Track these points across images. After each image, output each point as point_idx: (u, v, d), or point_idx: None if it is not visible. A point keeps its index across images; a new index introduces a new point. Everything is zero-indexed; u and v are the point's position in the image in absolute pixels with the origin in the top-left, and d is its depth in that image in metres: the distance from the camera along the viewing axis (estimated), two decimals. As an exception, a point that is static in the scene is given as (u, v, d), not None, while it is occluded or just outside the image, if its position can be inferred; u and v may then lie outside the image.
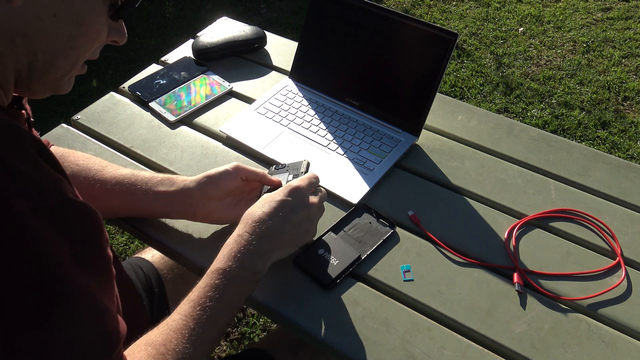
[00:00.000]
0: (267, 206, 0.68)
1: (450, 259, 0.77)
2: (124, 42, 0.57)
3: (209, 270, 0.65)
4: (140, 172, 0.77)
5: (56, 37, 0.48)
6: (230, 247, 0.66)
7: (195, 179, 0.75)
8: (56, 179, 0.46)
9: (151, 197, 0.75)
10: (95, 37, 0.52)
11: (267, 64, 1.15)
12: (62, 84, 0.54)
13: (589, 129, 2.18)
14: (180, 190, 0.74)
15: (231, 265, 0.64)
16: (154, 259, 0.98)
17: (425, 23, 0.90)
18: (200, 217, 0.77)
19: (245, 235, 0.66)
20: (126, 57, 2.57)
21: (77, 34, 0.49)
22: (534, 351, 0.67)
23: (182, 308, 0.62)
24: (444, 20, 2.87)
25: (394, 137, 0.95)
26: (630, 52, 2.58)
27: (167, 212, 0.78)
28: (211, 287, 0.63)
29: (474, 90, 2.39)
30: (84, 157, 0.80)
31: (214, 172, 0.75)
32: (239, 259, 0.64)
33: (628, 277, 0.75)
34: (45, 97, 0.54)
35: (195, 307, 0.61)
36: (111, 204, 0.77)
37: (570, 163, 0.93)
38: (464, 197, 0.87)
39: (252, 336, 1.53)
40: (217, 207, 0.76)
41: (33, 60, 0.48)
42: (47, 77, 0.51)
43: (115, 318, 0.48)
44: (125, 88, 1.07)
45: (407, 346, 0.67)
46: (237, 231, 0.67)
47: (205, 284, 0.63)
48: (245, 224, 0.68)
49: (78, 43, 0.50)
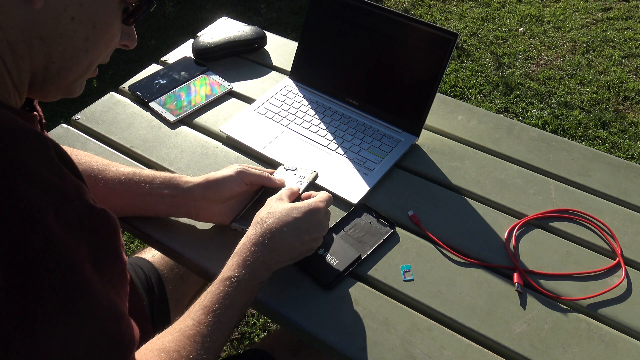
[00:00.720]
0: (283, 220, 0.68)
1: (450, 259, 0.77)
2: (134, 46, 0.58)
3: (221, 277, 0.65)
4: (142, 171, 0.78)
5: (73, 41, 0.49)
6: (244, 255, 0.66)
7: (199, 182, 0.75)
8: (77, 185, 0.46)
9: (155, 199, 0.76)
10: (110, 41, 0.53)
11: (267, 64, 1.15)
12: (75, 87, 0.55)
13: (589, 129, 2.18)
14: (184, 195, 0.75)
15: (244, 274, 0.65)
16: (154, 258, 0.98)
17: (425, 23, 0.90)
18: (203, 219, 0.78)
19: (259, 245, 0.67)
20: (126, 57, 2.57)
21: (93, 38, 0.50)
22: (534, 351, 0.67)
23: (195, 314, 0.62)
24: (444, 20, 2.87)
25: (394, 137, 0.95)
26: (630, 52, 2.58)
27: (170, 213, 0.79)
28: (224, 294, 0.63)
29: (474, 90, 2.39)
30: (85, 155, 0.80)
31: (218, 176, 0.75)
32: (251, 268, 0.65)
33: (628, 277, 0.75)
34: (56, 99, 0.55)
35: (208, 313, 0.62)
36: (114, 203, 0.77)
37: (570, 163, 0.93)
38: (464, 197, 0.87)
39: (252, 336, 1.53)
40: (220, 209, 0.76)
41: (49, 63, 0.49)
42: (62, 80, 0.52)
43: (129, 323, 0.48)
44: (125, 88, 1.07)
45: (407, 346, 0.67)
46: (250, 239, 0.68)
47: (219, 290, 0.64)
48: (259, 233, 0.68)
49: (93, 47, 0.51)
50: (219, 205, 0.76)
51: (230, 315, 0.63)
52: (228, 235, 0.79)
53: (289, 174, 0.81)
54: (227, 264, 0.67)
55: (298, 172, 0.81)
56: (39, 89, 0.52)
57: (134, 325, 0.50)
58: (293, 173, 0.81)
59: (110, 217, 0.47)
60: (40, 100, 0.55)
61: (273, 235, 0.67)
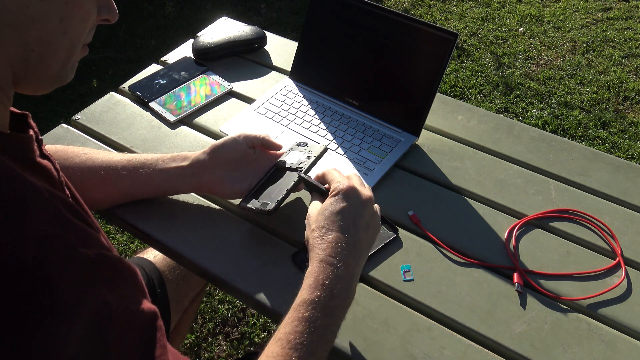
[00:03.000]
0: (331, 220, 0.62)
1: (450, 259, 0.77)
2: (115, 19, 0.54)
3: (295, 304, 0.58)
4: (148, 154, 0.80)
5: (47, 24, 0.46)
6: (315, 275, 0.59)
7: (203, 150, 0.78)
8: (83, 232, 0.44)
9: (163, 175, 0.77)
10: (86, 17, 0.49)
11: (267, 64, 1.15)
12: (65, 72, 0.52)
13: (589, 129, 2.18)
14: (191, 164, 0.77)
15: (319, 295, 0.57)
16: (155, 259, 0.98)
17: (425, 23, 0.90)
18: (211, 189, 0.79)
19: (329, 259, 0.59)
20: (126, 57, 2.57)
21: (68, 16, 0.47)
22: (534, 351, 0.67)
23: (270, 349, 0.54)
24: (444, 20, 2.87)
25: (394, 137, 0.95)
26: (630, 52, 2.58)
27: (179, 188, 0.81)
28: (300, 320, 0.55)
29: (474, 90, 2.39)
30: (87, 148, 0.81)
31: (221, 140, 0.79)
32: (327, 287, 0.58)
33: (628, 277, 0.75)
34: (51, 89, 0.52)
35: (285, 346, 0.53)
36: (124, 185, 0.78)
37: (570, 163, 0.93)
38: (464, 197, 0.87)
39: (252, 336, 1.53)
40: (225, 177, 0.78)
41: (28, 52, 0.46)
42: (46, 68, 0.49)
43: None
44: (125, 88, 1.07)
45: (407, 346, 0.67)
46: (315, 258, 0.61)
47: (293, 318, 0.56)
48: (320, 248, 0.61)
49: (70, 27, 0.48)
50: (224, 172, 0.78)
51: (312, 343, 0.55)
52: (228, 235, 0.79)
53: (299, 150, 0.83)
54: (300, 290, 0.59)
55: (308, 148, 0.82)
56: (26, 83, 0.49)
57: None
58: (303, 149, 0.83)
59: (123, 265, 0.45)
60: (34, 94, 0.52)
61: (338, 240, 0.61)
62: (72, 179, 0.61)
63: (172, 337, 0.99)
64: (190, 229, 0.80)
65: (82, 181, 0.68)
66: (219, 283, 0.75)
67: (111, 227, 1.85)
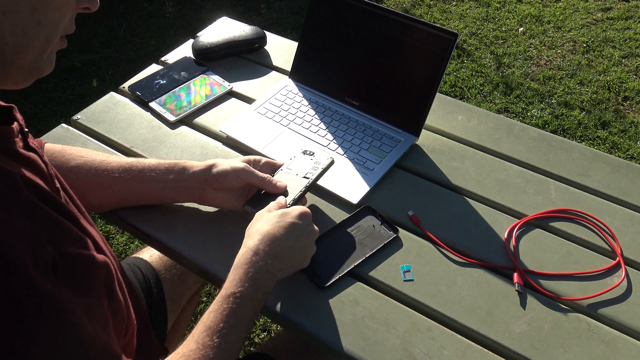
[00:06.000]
0: (278, 224, 0.67)
1: (450, 259, 0.77)
2: (96, 8, 0.52)
3: (223, 293, 0.62)
4: (146, 160, 0.79)
5: (19, 15, 0.44)
6: (245, 267, 0.64)
7: (202, 167, 0.76)
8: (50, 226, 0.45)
9: (160, 185, 0.77)
10: (62, 6, 0.48)
11: (267, 64, 1.15)
12: (42, 64, 0.50)
13: (589, 129, 2.18)
14: (188, 179, 0.76)
15: (247, 287, 0.62)
16: (152, 259, 0.98)
17: (425, 23, 0.90)
18: (208, 203, 0.79)
19: (260, 254, 0.64)
20: (126, 57, 2.57)
21: (41, 6, 0.46)
22: (534, 351, 0.67)
23: (199, 336, 0.58)
24: (444, 20, 2.87)
25: (394, 137, 0.95)
26: (630, 52, 2.58)
27: (175, 199, 0.80)
28: (229, 312, 0.60)
29: (474, 90, 2.39)
30: (85, 150, 0.81)
31: (220, 169, 0.76)
32: (254, 279, 0.63)
33: (628, 277, 0.75)
34: (29, 83, 0.51)
35: (213, 335, 0.58)
36: (119, 191, 0.77)
37: (570, 163, 0.93)
38: (464, 197, 0.87)
39: (252, 336, 1.53)
40: (224, 195, 0.78)
41: (2, 45, 0.45)
42: (22, 60, 0.47)
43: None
44: (125, 88, 1.07)
45: (407, 346, 0.67)
46: (249, 249, 0.65)
47: (223, 308, 0.60)
48: (257, 241, 0.66)
49: (44, 17, 0.46)
50: (223, 192, 0.77)
51: (237, 334, 0.60)
52: (228, 235, 0.79)
53: (305, 159, 0.82)
54: (227, 280, 0.63)
55: (314, 158, 0.82)
56: (3, 76, 0.47)
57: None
58: (309, 158, 0.82)
59: (84, 261, 0.47)
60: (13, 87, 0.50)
61: (272, 240, 0.66)
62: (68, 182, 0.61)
63: (169, 337, 0.99)
64: (191, 230, 0.80)
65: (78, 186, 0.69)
66: (219, 283, 0.75)
67: (111, 227, 1.85)
